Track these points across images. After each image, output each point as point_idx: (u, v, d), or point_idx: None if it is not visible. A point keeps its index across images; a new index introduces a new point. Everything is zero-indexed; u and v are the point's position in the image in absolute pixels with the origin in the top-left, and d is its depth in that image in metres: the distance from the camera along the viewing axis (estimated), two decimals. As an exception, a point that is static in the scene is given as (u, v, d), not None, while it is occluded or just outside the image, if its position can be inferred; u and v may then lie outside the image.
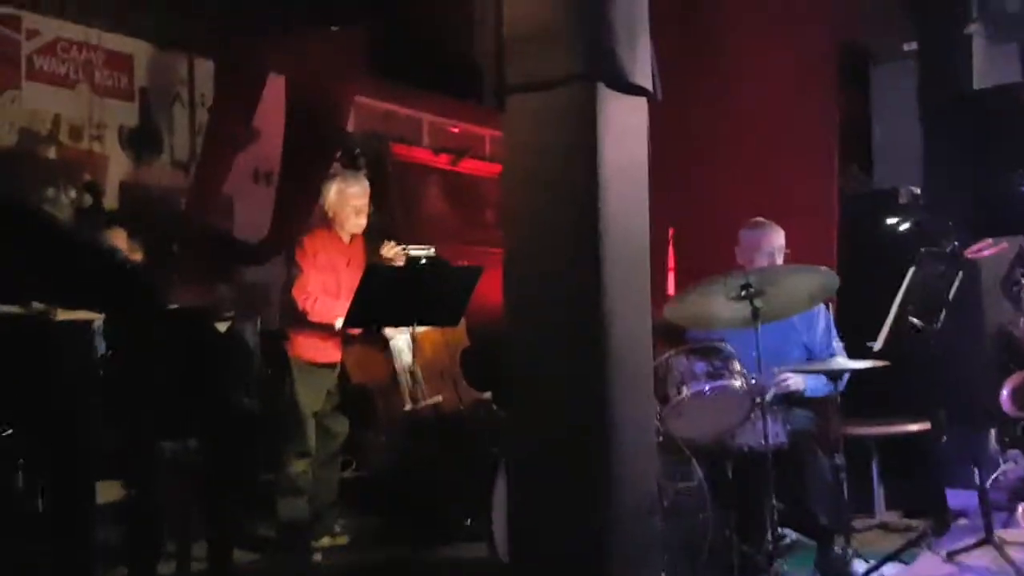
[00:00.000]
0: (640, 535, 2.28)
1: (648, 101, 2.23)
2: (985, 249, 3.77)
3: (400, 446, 4.38)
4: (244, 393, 4.06)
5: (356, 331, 4.28)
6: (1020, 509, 4.09)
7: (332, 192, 4.31)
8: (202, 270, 5.25)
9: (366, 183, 4.39)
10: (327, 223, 4.33)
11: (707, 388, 3.21)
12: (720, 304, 3.22)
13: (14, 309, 3.03)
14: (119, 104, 5.23)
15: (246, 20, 5.06)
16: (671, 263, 5.08)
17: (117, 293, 3.10)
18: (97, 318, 2.95)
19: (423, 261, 4.19)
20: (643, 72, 2.17)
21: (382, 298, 3.68)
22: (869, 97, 4.70)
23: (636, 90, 2.18)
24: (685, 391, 3.19)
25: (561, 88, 2.10)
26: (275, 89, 5.42)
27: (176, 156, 5.48)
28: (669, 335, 3.56)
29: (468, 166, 6.44)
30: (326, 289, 4.20)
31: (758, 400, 3.23)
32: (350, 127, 5.85)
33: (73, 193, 4.93)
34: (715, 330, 3.44)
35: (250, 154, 5.65)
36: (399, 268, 4.04)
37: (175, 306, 3.37)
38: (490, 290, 3.62)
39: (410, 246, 4.34)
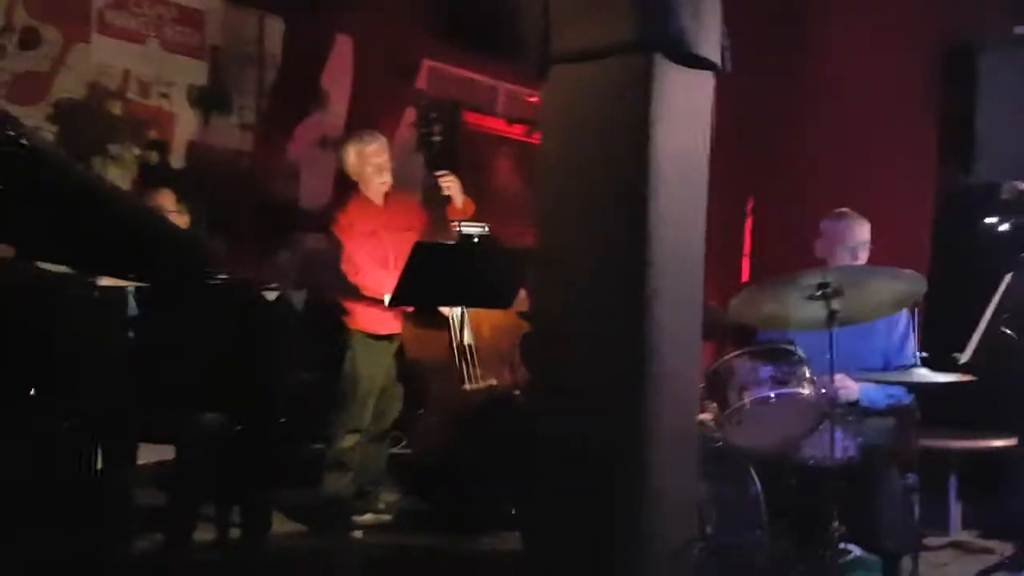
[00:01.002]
0: (675, 562, 2.05)
1: (716, 76, 1.95)
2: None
3: (450, 427, 4.25)
4: (291, 365, 3.99)
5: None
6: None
7: (350, 154, 4.15)
8: (263, 235, 5.19)
9: (383, 139, 4.20)
10: (355, 189, 4.16)
11: (772, 395, 2.95)
12: (793, 304, 2.95)
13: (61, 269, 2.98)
14: (189, 61, 5.16)
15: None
16: (747, 248, 4.85)
17: (161, 263, 3.02)
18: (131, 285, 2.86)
19: (474, 240, 4.00)
20: (710, 42, 1.89)
21: (429, 277, 3.51)
22: (974, 85, 4.31)
23: (701, 63, 1.91)
24: (747, 396, 2.95)
25: (612, 59, 1.84)
26: (343, 53, 5.29)
27: (244, 117, 5.39)
28: (737, 334, 3.32)
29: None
30: (373, 258, 4.06)
31: (827, 410, 2.97)
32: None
33: (138, 150, 4.90)
34: (787, 331, 3.18)
35: (318, 120, 5.54)
36: (448, 246, 3.87)
37: (221, 276, 3.26)
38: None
39: (463, 223, 4.16)
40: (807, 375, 3.01)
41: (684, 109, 1.88)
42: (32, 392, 2.66)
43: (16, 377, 2.61)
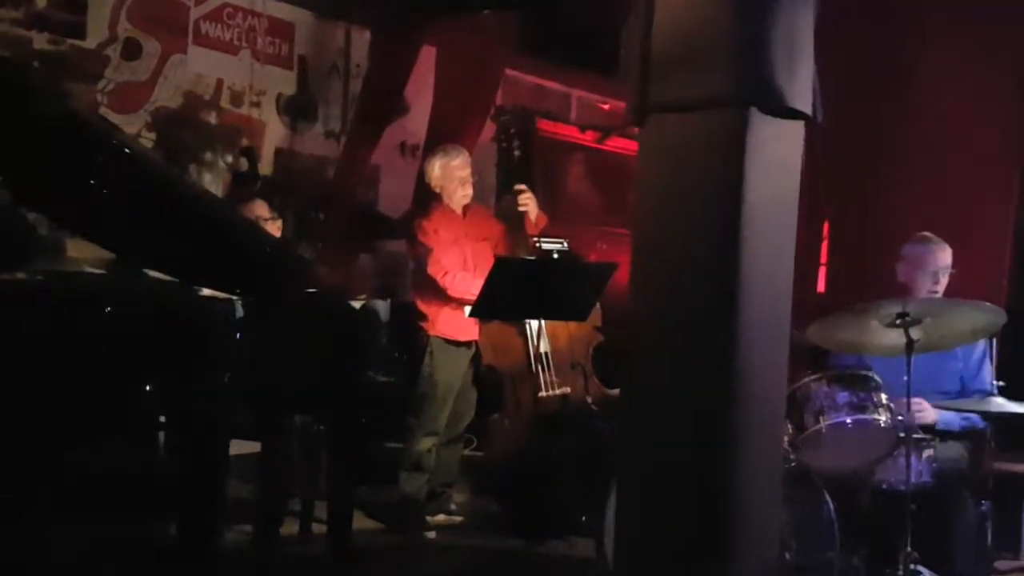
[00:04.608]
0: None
1: (807, 125, 2.03)
2: None
3: (524, 432, 4.36)
4: (375, 369, 4.14)
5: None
6: None
7: (436, 167, 4.30)
8: (345, 240, 5.37)
9: (467, 153, 4.35)
10: (438, 200, 4.31)
11: (848, 420, 3.01)
12: (872, 331, 3.00)
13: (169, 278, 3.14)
14: (278, 71, 5.36)
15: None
16: (824, 258, 4.86)
17: (257, 276, 3.16)
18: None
19: (555, 256, 4.11)
20: (802, 94, 1.97)
21: (510, 291, 3.62)
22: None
23: (792, 114, 1.99)
24: (823, 421, 3.01)
25: (708, 111, 1.94)
26: (425, 61, 5.43)
27: (329, 125, 5.58)
28: (812, 355, 3.37)
29: (615, 144, 6.29)
30: (457, 264, 4.21)
31: (903, 435, 3.01)
32: (498, 101, 5.79)
33: (230, 158, 5.11)
34: (863, 355, 3.23)
35: (398, 126, 5.70)
36: (529, 262, 3.98)
37: (313, 290, 3.41)
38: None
39: (542, 239, 4.26)
40: (883, 401, 3.06)
41: (775, 159, 1.96)
42: (147, 388, 2.79)
43: (131, 374, 2.74)
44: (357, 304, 3.97)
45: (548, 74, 6.47)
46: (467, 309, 4.01)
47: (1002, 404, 3.03)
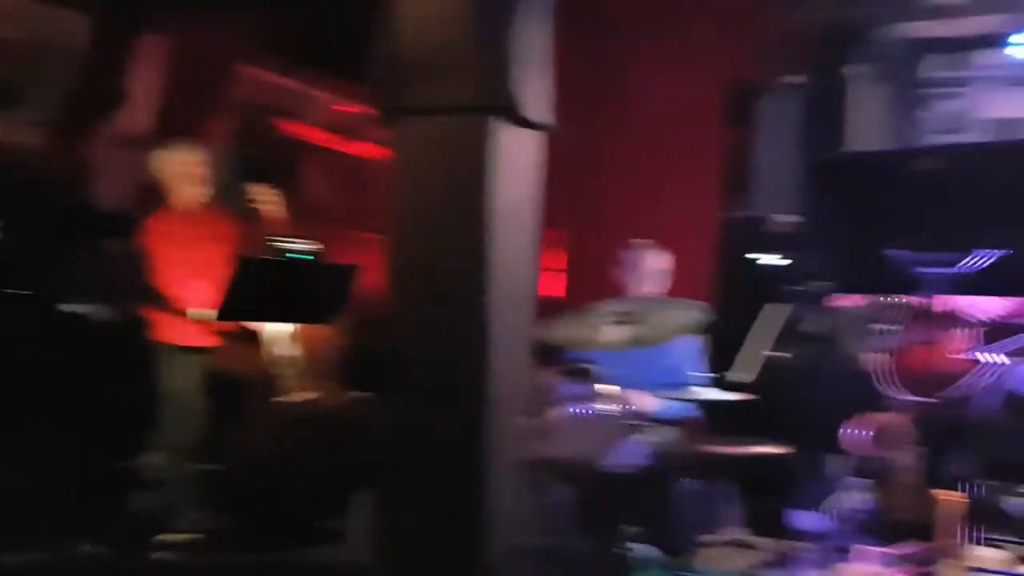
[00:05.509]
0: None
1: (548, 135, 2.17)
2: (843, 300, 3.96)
3: (265, 442, 4.24)
4: (93, 380, 3.85)
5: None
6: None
7: (160, 162, 4.12)
8: (58, 239, 4.92)
9: (197, 148, 4.19)
10: (163, 198, 4.12)
11: (576, 410, 3.24)
12: (594, 329, 3.26)
13: None
14: (-24, 52, 4.81)
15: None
16: (554, 263, 5.15)
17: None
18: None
19: (293, 256, 4.04)
20: (539, 105, 2.11)
21: (253, 293, 3.52)
22: (752, 126, 4.85)
23: (532, 124, 2.12)
24: (554, 412, 3.22)
25: (452, 117, 2.03)
26: (151, 52, 5.11)
27: (37, 113, 5.08)
28: (544, 354, 3.58)
29: (357, 148, 6.29)
30: (182, 269, 4.02)
31: (624, 423, 3.29)
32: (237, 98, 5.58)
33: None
34: (590, 351, 3.49)
35: (120, 119, 5.31)
36: (270, 262, 3.89)
37: (15, 292, 3.12)
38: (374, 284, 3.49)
39: (283, 240, 4.18)
40: (607, 392, 3.33)
41: (516, 166, 2.09)
42: None
43: None
44: (72, 309, 3.68)
45: (289, 73, 6.31)
46: (193, 312, 3.84)
47: (698, 393, 3.43)
